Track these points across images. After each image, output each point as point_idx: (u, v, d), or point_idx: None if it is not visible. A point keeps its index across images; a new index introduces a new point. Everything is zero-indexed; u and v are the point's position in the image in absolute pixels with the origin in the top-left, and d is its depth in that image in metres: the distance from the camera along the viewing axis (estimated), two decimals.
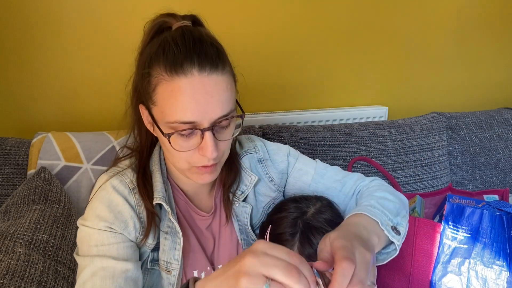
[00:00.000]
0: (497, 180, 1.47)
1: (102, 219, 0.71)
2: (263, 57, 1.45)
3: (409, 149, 1.35)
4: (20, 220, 0.88)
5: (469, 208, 0.91)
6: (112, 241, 0.71)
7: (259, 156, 0.89)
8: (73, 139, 1.08)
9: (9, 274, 0.75)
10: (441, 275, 0.93)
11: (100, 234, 0.71)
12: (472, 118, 1.50)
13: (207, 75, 0.65)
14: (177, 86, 0.64)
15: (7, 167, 1.04)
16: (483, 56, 1.79)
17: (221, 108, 0.66)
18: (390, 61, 1.64)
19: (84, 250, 0.71)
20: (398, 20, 1.60)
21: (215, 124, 0.66)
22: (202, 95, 0.64)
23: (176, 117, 0.65)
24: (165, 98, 0.65)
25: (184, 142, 0.67)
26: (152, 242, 0.76)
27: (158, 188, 0.76)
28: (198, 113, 0.64)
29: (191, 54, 0.64)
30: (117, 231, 0.72)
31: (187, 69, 0.64)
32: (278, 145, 0.93)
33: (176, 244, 0.76)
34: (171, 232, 0.76)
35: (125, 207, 0.73)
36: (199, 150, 0.68)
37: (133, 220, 0.73)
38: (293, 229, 0.76)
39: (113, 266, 0.69)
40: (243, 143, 0.91)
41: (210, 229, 0.83)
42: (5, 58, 1.20)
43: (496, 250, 0.88)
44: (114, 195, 0.74)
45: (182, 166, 0.71)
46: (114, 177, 0.76)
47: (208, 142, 0.66)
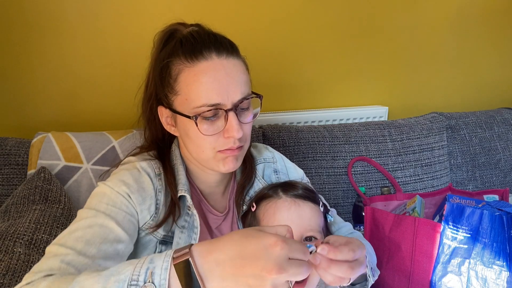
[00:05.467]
0: (497, 180, 1.47)
1: (126, 184, 0.72)
2: (263, 57, 1.45)
3: (409, 149, 1.35)
4: (20, 220, 0.88)
5: (469, 208, 0.91)
6: (123, 208, 0.70)
7: (275, 166, 0.90)
8: (73, 139, 1.08)
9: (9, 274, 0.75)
10: (441, 275, 0.93)
11: (117, 196, 0.71)
12: (472, 118, 1.50)
13: (225, 58, 0.70)
14: (199, 70, 0.69)
15: (7, 167, 1.05)
16: (483, 56, 1.79)
17: (241, 89, 0.71)
18: (390, 61, 1.64)
19: (92, 204, 0.70)
20: (398, 20, 1.60)
21: (237, 105, 0.70)
22: (223, 76, 0.69)
23: (202, 100, 0.68)
24: (188, 83, 0.69)
25: (210, 126, 0.70)
26: (162, 232, 0.75)
27: (182, 181, 0.77)
28: (222, 94, 0.68)
29: (208, 43, 0.70)
30: (133, 203, 0.72)
31: (206, 54, 0.69)
32: (295, 165, 0.95)
33: (191, 239, 0.76)
34: (188, 226, 0.77)
35: (150, 186, 0.74)
36: (224, 132, 0.70)
37: (152, 201, 0.74)
38: (272, 186, 0.82)
39: (111, 229, 0.67)
40: (262, 151, 0.92)
41: (220, 229, 0.84)
42: (5, 58, 1.20)
43: (496, 250, 0.88)
44: (142, 172, 0.75)
45: (208, 154, 0.73)
46: (142, 160, 0.78)
47: (233, 122, 0.69)
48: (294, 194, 0.77)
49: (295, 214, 0.74)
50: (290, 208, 0.74)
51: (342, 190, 1.28)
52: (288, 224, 0.66)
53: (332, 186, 1.27)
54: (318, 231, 0.74)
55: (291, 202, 0.75)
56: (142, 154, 0.83)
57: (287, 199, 0.76)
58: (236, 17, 1.38)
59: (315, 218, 0.75)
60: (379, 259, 1.05)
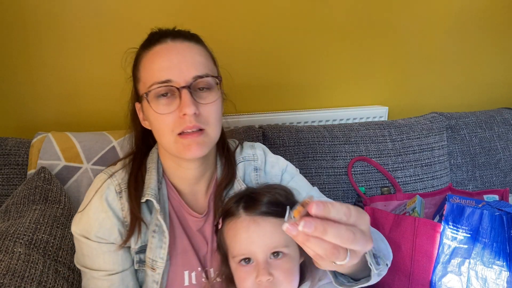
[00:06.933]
0: (497, 180, 1.47)
1: (91, 231, 0.74)
2: (263, 57, 1.45)
3: (409, 149, 1.35)
4: (20, 220, 0.88)
5: (469, 208, 0.91)
6: (98, 252, 0.75)
7: (256, 164, 0.88)
8: (73, 139, 1.08)
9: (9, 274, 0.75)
10: (441, 275, 0.93)
11: (91, 244, 0.75)
12: (472, 118, 1.50)
13: (180, 42, 0.73)
14: (154, 52, 0.73)
15: (7, 167, 1.04)
16: (483, 56, 1.79)
17: (195, 68, 0.71)
18: (390, 61, 1.64)
19: (78, 258, 0.77)
20: (398, 20, 1.60)
21: (190, 84, 0.70)
22: (175, 55, 0.71)
23: (154, 78, 0.71)
24: (145, 67, 0.74)
25: (165, 106, 0.71)
26: (134, 246, 0.77)
27: (151, 185, 0.77)
28: (172, 71, 0.70)
29: (166, 33, 0.75)
30: (105, 239, 0.75)
31: (162, 40, 0.74)
32: (278, 158, 0.91)
33: (162, 243, 0.76)
34: (159, 230, 0.76)
35: (109, 215, 0.75)
36: (179, 111, 0.70)
37: (117, 227, 0.75)
38: (238, 198, 0.76)
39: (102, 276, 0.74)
40: (245, 149, 0.90)
41: (202, 232, 0.82)
42: (5, 58, 1.20)
43: (496, 250, 0.88)
44: (101, 202, 0.76)
45: (169, 139, 0.72)
46: (106, 180, 0.78)
47: (184, 98, 0.69)
48: (254, 212, 0.72)
49: (255, 234, 0.70)
50: (249, 229, 0.71)
51: (342, 190, 1.28)
52: (249, 244, 0.67)
53: (332, 186, 1.27)
54: (284, 245, 0.70)
55: (250, 221, 0.71)
56: (123, 160, 0.83)
57: (246, 218, 0.72)
58: (235, 16, 1.38)
59: (279, 233, 0.70)
60: None
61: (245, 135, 1.21)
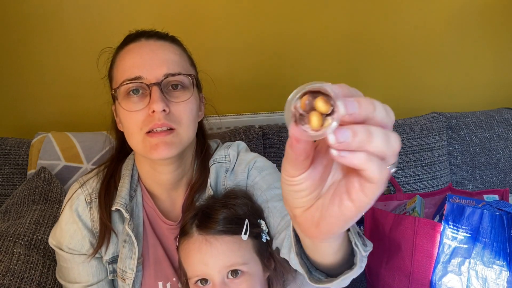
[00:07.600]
0: (497, 180, 1.47)
1: (62, 241, 0.74)
2: (263, 57, 1.45)
3: (409, 149, 1.35)
4: (20, 221, 0.88)
5: (469, 208, 0.91)
6: (73, 264, 0.75)
7: (228, 166, 0.81)
8: (73, 139, 1.08)
9: (9, 274, 0.75)
10: (441, 275, 0.93)
11: (64, 255, 0.75)
12: (472, 118, 1.50)
13: (154, 41, 0.73)
14: (126, 50, 0.73)
15: (7, 167, 1.04)
16: (483, 56, 1.79)
17: (167, 66, 0.70)
18: (390, 61, 1.64)
19: (57, 271, 0.78)
20: (398, 20, 1.60)
21: (161, 81, 0.69)
22: (147, 53, 0.71)
23: (125, 75, 0.69)
24: (118, 66, 0.73)
25: (134, 104, 0.69)
26: (106, 256, 0.76)
27: (122, 194, 0.75)
28: (143, 68, 0.69)
29: (141, 33, 0.75)
30: (77, 250, 0.75)
31: (136, 39, 0.74)
32: (248, 155, 0.82)
33: (132, 253, 0.74)
34: (129, 240, 0.74)
35: (79, 226, 0.75)
36: (148, 109, 0.67)
37: (88, 238, 0.75)
38: (195, 213, 0.72)
39: None
40: (218, 151, 0.83)
41: None
42: (5, 58, 1.20)
43: (496, 250, 0.88)
44: (71, 213, 0.75)
45: (137, 138, 0.69)
46: (76, 190, 0.77)
47: (154, 95, 0.67)
48: (208, 232, 0.68)
49: (208, 254, 0.66)
50: (201, 250, 0.67)
51: None
52: (202, 266, 0.65)
53: None
54: (242, 263, 0.67)
55: (202, 241, 0.68)
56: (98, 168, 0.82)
57: (199, 237, 0.68)
58: (237, 17, 1.38)
59: (235, 251, 0.67)
60: (379, 259, 1.05)
61: (245, 135, 1.21)
